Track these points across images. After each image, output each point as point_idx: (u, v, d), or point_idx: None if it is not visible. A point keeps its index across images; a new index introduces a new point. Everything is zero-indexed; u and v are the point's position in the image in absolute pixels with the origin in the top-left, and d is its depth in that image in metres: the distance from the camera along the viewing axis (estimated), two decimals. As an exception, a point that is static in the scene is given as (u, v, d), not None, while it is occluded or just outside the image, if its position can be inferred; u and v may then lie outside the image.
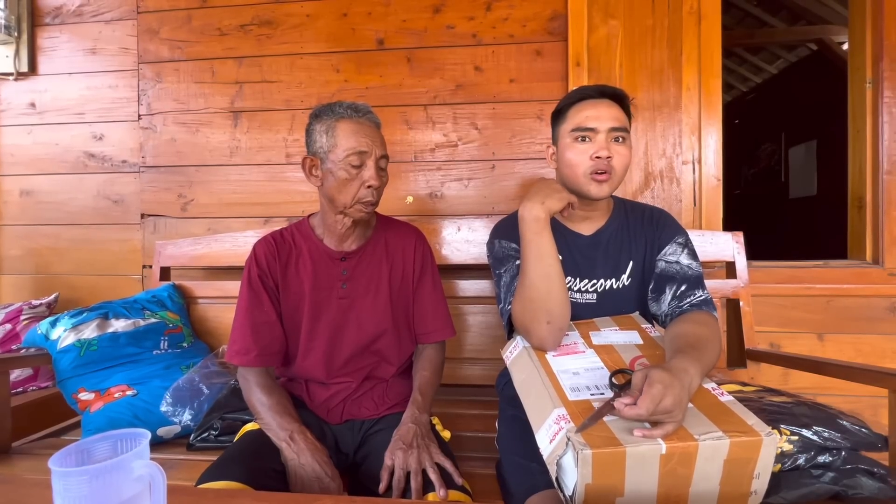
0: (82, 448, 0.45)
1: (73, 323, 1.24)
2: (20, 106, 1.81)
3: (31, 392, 1.49)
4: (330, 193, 0.94)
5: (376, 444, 0.92)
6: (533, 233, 0.83)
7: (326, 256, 1.00)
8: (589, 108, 0.91)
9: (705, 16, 1.49)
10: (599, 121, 0.90)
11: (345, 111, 0.92)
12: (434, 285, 1.07)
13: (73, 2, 1.78)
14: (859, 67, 1.58)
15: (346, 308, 0.99)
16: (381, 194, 0.96)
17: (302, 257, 1.00)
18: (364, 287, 1.00)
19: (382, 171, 0.94)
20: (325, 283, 0.99)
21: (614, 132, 0.90)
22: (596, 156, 0.89)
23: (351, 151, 0.89)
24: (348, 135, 0.90)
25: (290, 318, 0.99)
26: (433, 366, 1.04)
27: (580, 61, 1.51)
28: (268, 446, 0.87)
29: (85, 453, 0.45)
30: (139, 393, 1.18)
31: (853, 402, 1.41)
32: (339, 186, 0.91)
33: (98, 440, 0.47)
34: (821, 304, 1.49)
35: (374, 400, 1.01)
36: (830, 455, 0.81)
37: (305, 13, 1.64)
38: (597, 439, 0.61)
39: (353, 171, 0.90)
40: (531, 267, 0.84)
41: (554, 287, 0.83)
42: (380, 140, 0.94)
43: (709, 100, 1.49)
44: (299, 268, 1.00)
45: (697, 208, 1.51)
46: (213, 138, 1.69)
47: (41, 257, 1.82)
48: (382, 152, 0.93)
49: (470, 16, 1.58)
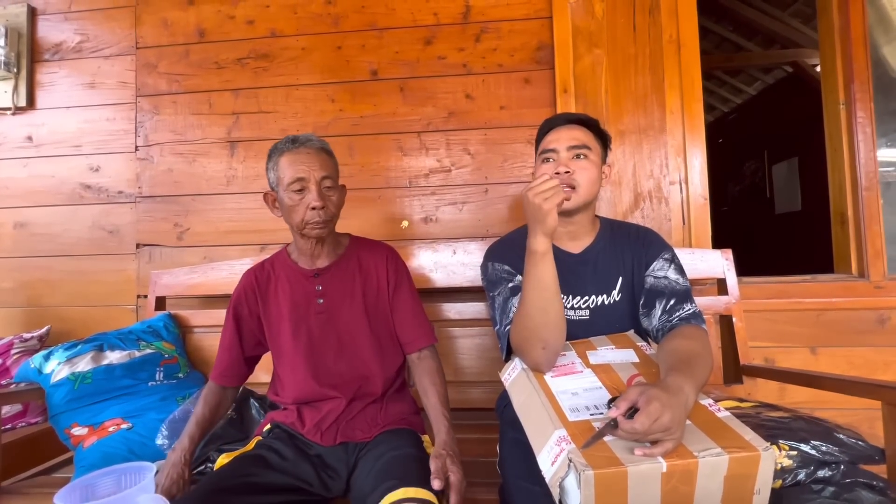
0: (86, 483, 0.45)
1: (68, 356, 1.23)
2: (17, 140, 1.83)
3: (20, 429, 1.45)
4: (287, 220, 1.03)
5: (365, 463, 0.93)
6: (531, 264, 0.84)
7: (301, 276, 1.07)
8: (552, 133, 1.00)
9: (684, 44, 1.56)
10: (559, 142, 0.97)
11: (284, 145, 1.01)
12: (411, 294, 1.11)
13: (73, 38, 1.82)
14: (832, 90, 1.65)
15: (324, 322, 1.05)
16: (334, 213, 1.02)
17: (280, 281, 1.08)
18: (339, 299, 1.06)
19: (329, 191, 1.01)
20: (303, 301, 1.05)
21: (573, 150, 0.96)
22: (555, 171, 0.94)
23: (291, 180, 0.97)
24: (287, 166, 0.98)
25: (274, 340, 1.06)
26: (440, 374, 1.07)
27: (567, 88, 1.57)
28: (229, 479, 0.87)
29: (89, 488, 0.45)
30: (134, 426, 1.16)
31: (850, 416, 1.42)
32: (289, 212, 1.00)
33: (101, 475, 0.47)
34: (811, 317, 1.52)
35: (368, 421, 1.02)
36: (830, 469, 0.81)
37: (301, 46, 1.70)
38: (598, 459, 0.61)
39: (296, 196, 0.98)
40: (528, 296, 0.85)
41: (550, 318, 0.84)
42: (319, 163, 0.99)
43: (692, 122, 1.55)
44: (278, 291, 1.07)
45: (686, 227, 1.55)
46: (209, 168, 1.72)
47: (33, 289, 1.81)
48: (324, 174, 0.99)
49: (460, 47, 1.64)
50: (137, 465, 0.47)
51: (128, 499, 0.43)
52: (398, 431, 1.01)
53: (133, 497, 0.43)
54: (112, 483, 0.47)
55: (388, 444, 0.94)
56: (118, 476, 0.47)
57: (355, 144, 1.66)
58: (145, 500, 0.43)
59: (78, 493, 0.45)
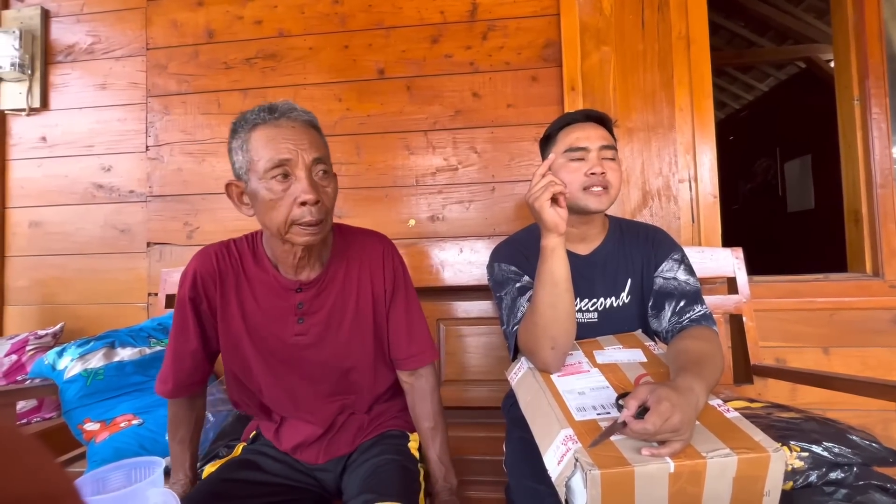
0: (98, 477, 0.46)
1: (80, 352, 1.25)
2: (31, 140, 1.87)
3: (35, 423, 1.48)
4: (262, 221, 0.77)
5: (352, 469, 0.89)
6: (542, 259, 0.84)
7: (278, 286, 0.84)
8: (577, 130, 0.95)
9: (694, 40, 1.54)
10: (590, 140, 0.93)
11: (257, 116, 0.74)
12: (408, 304, 0.92)
13: (85, 40, 1.85)
14: (846, 85, 1.62)
15: (303, 346, 0.86)
16: (329, 210, 0.78)
17: (249, 282, 0.85)
18: (325, 320, 0.86)
19: (323, 179, 0.76)
20: (277, 317, 0.85)
21: (605, 150, 0.94)
22: (591, 172, 0.91)
23: (271, 163, 0.72)
24: (263, 144, 0.72)
25: (232, 349, 0.86)
26: (435, 405, 0.93)
27: (575, 86, 1.56)
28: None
29: (101, 482, 0.46)
30: (145, 422, 1.18)
31: (863, 417, 1.40)
32: (266, 210, 0.74)
33: (112, 469, 0.47)
34: (824, 317, 1.49)
35: (353, 434, 0.93)
36: (842, 471, 0.80)
37: (308, 46, 1.71)
38: (605, 459, 0.61)
39: (277, 187, 0.72)
40: (539, 293, 0.84)
41: (559, 314, 0.83)
42: (308, 142, 0.74)
43: (701, 120, 1.53)
44: (242, 294, 0.85)
45: (696, 225, 1.53)
46: (218, 167, 1.73)
47: (47, 287, 1.84)
48: (316, 155, 0.74)
49: (467, 45, 1.64)
50: (147, 460, 0.48)
51: (138, 492, 0.43)
52: (384, 435, 0.95)
53: (143, 490, 0.44)
54: (123, 477, 0.48)
55: (372, 451, 0.90)
56: (129, 470, 0.48)
57: (362, 143, 1.66)
58: (155, 493, 0.44)
59: (90, 486, 0.46)
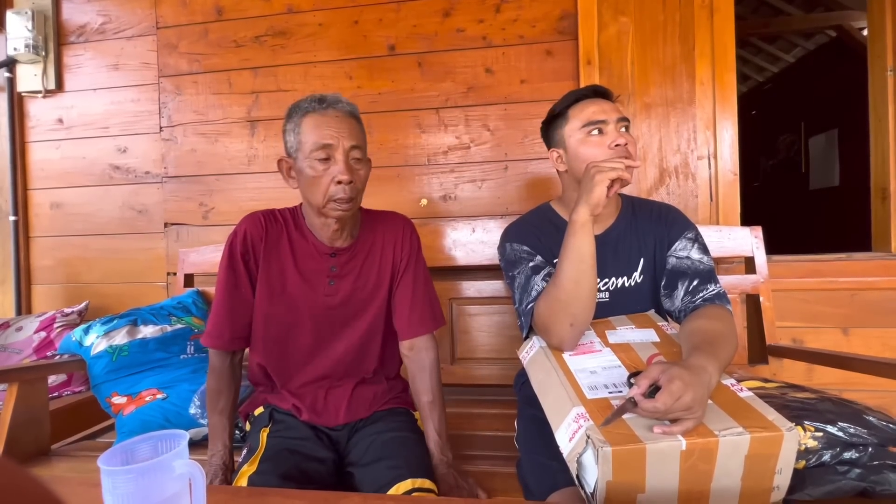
0: (126, 448, 0.48)
1: (105, 330, 1.29)
2: (49, 122, 1.89)
3: (66, 397, 1.55)
4: (304, 194, 0.92)
5: (363, 439, 0.93)
6: (570, 233, 0.84)
7: (315, 250, 0.96)
8: (592, 105, 0.93)
9: (718, 9, 1.47)
10: (607, 113, 0.92)
11: (309, 105, 0.89)
12: (415, 277, 1.01)
13: (96, 20, 1.85)
14: (879, 55, 1.54)
15: (332, 306, 0.96)
16: (360, 189, 0.91)
17: (291, 244, 0.96)
18: (352, 282, 0.97)
19: (357, 163, 0.89)
20: (312, 276, 0.96)
21: (621, 122, 0.92)
22: (615, 144, 0.90)
23: (316, 146, 0.86)
24: (312, 129, 0.86)
25: (264, 304, 0.95)
26: (433, 380, 0.99)
27: (591, 60, 1.51)
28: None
29: (129, 453, 0.48)
30: (169, 396, 1.22)
31: (881, 398, 1.38)
32: (309, 185, 0.88)
33: (140, 441, 0.50)
34: (845, 297, 1.46)
35: (370, 400, 1.00)
36: (857, 451, 0.79)
37: (318, 22, 1.68)
38: (616, 436, 0.62)
39: (319, 166, 0.86)
40: (562, 266, 0.84)
41: (582, 291, 0.83)
42: (348, 130, 0.88)
43: (723, 94, 1.48)
44: (282, 255, 0.96)
45: (714, 203, 1.50)
46: (231, 147, 1.74)
47: (71, 267, 1.89)
48: (353, 143, 0.88)
49: (479, 18, 1.59)
50: (172, 433, 0.50)
51: (164, 463, 0.45)
52: (394, 410, 1.01)
53: (169, 462, 0.46)
54: (150, 448, 0.50)
55: (385, 422, 0.96)
56: (155, 442, 0.50)
57: (373, 122, 1.65)
58: (181, 465, 0.46)
59: (119, 457, 0.48)
